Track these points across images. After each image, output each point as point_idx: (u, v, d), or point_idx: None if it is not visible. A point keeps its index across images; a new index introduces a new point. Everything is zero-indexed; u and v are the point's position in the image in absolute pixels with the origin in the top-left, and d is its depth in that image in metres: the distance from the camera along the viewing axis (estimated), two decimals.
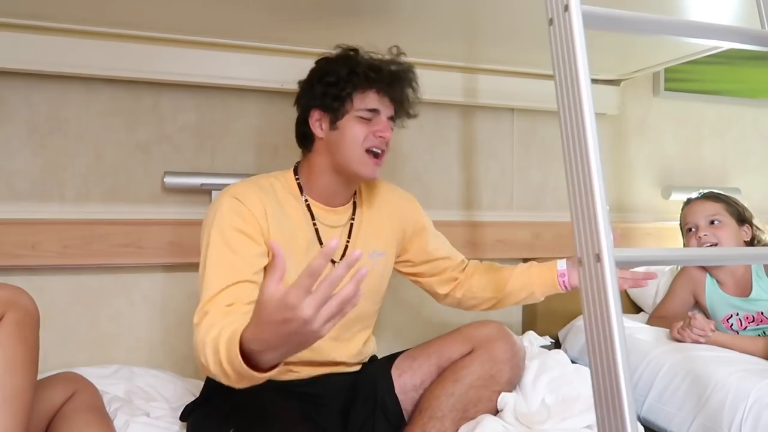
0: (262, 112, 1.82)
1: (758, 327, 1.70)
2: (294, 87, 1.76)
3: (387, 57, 1.32)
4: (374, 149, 1.27)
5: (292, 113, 1.83)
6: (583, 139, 0.72)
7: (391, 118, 1.31)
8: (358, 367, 1.40)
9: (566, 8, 0.75)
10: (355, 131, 1.25)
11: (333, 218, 1.33)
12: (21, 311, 1.00)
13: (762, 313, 1.70)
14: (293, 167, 1.37)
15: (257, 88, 1.78)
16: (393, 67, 1.30)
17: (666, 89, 2.31)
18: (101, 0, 1.39)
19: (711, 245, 1.75)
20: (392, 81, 1.29)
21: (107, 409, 1.28)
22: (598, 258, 0.69)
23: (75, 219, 1.61)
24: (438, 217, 1.97)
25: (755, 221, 1.83)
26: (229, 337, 0.95)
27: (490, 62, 1.95)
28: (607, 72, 2.11)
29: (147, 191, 1.70)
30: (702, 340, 1.60)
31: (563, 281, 1.39)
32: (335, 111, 1.26)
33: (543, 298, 1.47)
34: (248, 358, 0.92)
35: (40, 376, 1.22)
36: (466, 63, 1.94)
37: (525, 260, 2.08)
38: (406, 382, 1.34)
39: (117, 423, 1.26)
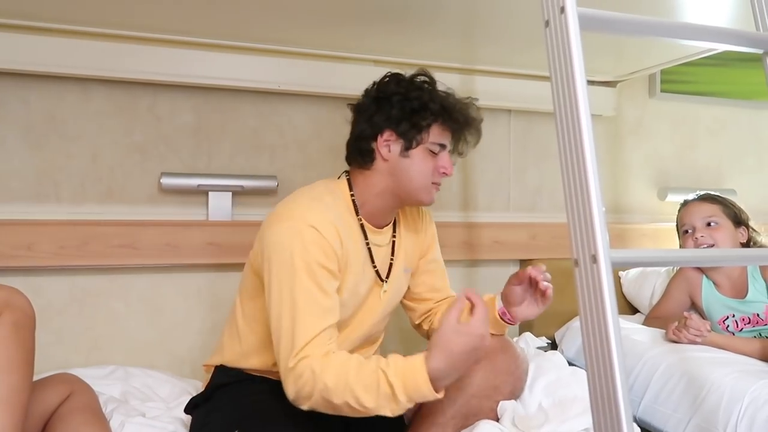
0: (259, 113, 1.82)
1: (754, 329, 1.71)
2: (291, 88, 1.78)
3: (463, 100, 1.31)
4: (438, 181, 1.29)
5: (290, 114, 1.85)
6: (579, 140, 0.72)
7: (455, 150, 1.32)
8: None
9: (562, 10, 0.75)
10: (425, 164, 1.25)
11: (379, 238, 1.33)
12: (17, 312, 1.00)
13: (758, 315, 1.70)
14: (346, 179, 1.32)
15: (254, 89, 1.78)
16: (472, 113, 1.30)
17: (662, 91, 2.32)
18: (98, 1, 1.39)
19: (707, 246, 1.75)
20: (470, 125, 1.29)
21: (103, 410, 1.27)
22: (594, 259, 0.69)
23: (71, 220, 1.61)
24: (435, 218, 1.97)
25: (751, 223, 1.83)
26: (399, 371, 1.05)
27: (487, 63, 1.96)
28: (604, 74, 2.12)
29: (143, 192, 1.70)
30: (698, 340, 1.60)
31: (507, 319, 1.36)
32: (411, 138, 1.23)
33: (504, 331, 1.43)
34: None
35: (35, 378, 1.22)
36: (463, 64, 1.94)
37: (522, 261, 2.11)
38: None
39: (113, 424, 1.25)
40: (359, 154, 1.28)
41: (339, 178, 1.34)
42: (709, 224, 1.79)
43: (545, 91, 2.04)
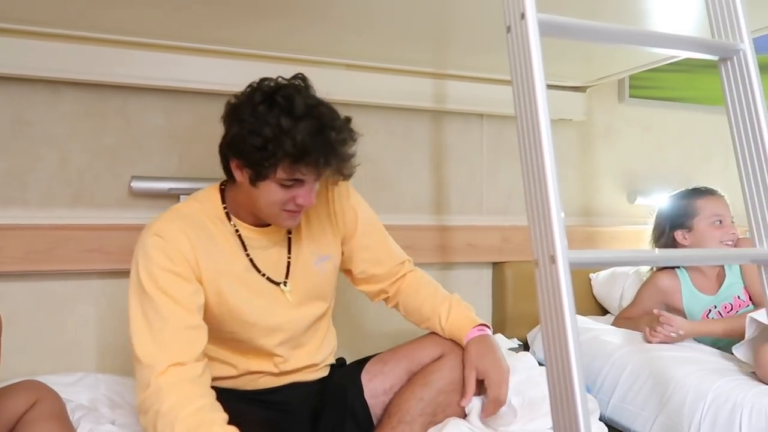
0: None
1: (738, 313, 1.72)
2: None
3: (327, 117, 1.16)
4: (293, 210, 1.20)
5: None
6: (538, 144, 0.74)
7: (317, 179, 1.20)
8: (325, 370, 1.40)
9: (522, 16, 0.77)
10: (274, 197, 1.17)
11: (265, 238, 1.28)
12: None
13: (738, 297, 1.73)
14: (221, 187, 1.29)
15: (227, 93, 1.74)
16: (332, 135, 1.14)
17: (630, 96, 2.37)
18: (65, 2, 1.38)
19: (732, 244, 1.76)
20: (327, 155, 1.14)
21: (71, 417, 1.26)
22: (552, 259, 0.71)
23: (39, 224, 1.58)
24: (408, 221, 2.00)
25: None
26: None
27: (460, 69, 1.98)
28: (573, 79, 2.16)
29: (114, 196, 1.68)
30: (673, 334, 1.63)
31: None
32: (257, 172, 1.15)
33: None
34: None
35: (1, 385, 1.20)
36: (436, 69, 1.96)
37: (494, 264, 2.13)
38: (376, 386, 1.33)
39: (81, 431, 1.24)
40: (223, 167, 1.24)
41: (215, 187, 1.30)
42: (733, 222, 1.80)
43: None
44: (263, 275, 1.27)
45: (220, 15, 1.47)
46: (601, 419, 1.50)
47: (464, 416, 1.32)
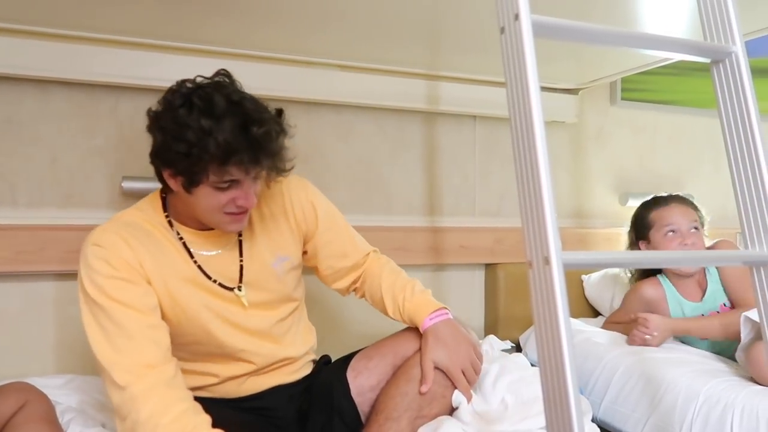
0: None
1: None
2: (254, 92, 1.75)
3: (250, 109, 1.10)
4: (235, 213, 1.16)
5: None
6: (532, 145, 0.74)
7: (256, 177, 1.15)
8: (306, 368, 1.39)
9: (516, 17, 0.77)
10: (211, 201, 1.13)
11: (212, 242, 1.24)
12: None
13: (724, 305, 1.73)
14: (161, 195, 1.25)
15: None
16: (256, 131, 1.07)
17: (622, 98, 2.38)
18: (55, 1, 1.37)
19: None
20: (254, 151, 1.08)
21: (60, 420, 1.24)
22: (546, 261, 0.70)
23: (28, 224, 1.57)
24: (400, 222, 2.00)
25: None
26: None
27: (453, 70, 1.98)
28: (566, 81, 2.17)
29: (104, 196, 1.67)
30: (648, 337, 1.64)
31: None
32: (189, 179, 1.10)
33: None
34: None
35: None
36: (429, 70, 1.96)
37: (487, 266, 2.13)
38: (362, 383, 1.31)
39: None
40: (157, 177, 1.18)
41: (155, 195, 1.26)
42: (695, 228, 1.76)
43: None
44: (214, 281, 1.23)
45: (212, 15, 1.46)
46: (593, 421, 1.51)
47: (451, 410, 1.30)
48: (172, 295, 1.18)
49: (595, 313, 2.19)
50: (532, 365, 1.58)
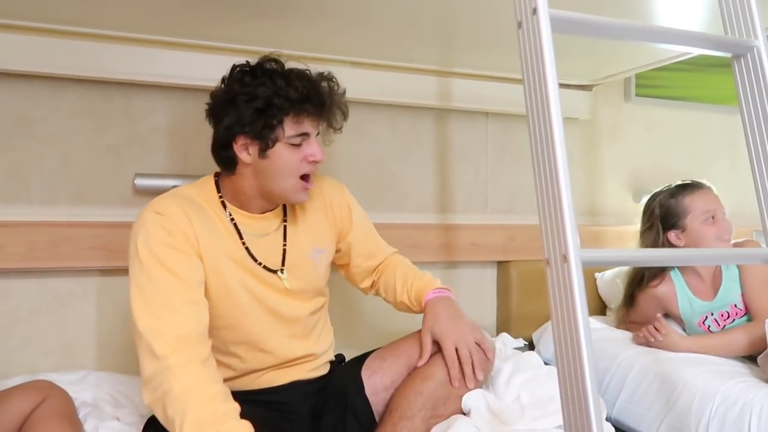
0: None
1: (734, 322, 1.68)
2: None
3: (314, 75, 1.23)
4: (307, 174, 1.23)
5: None
6: (550, 141, 0.72)
7: (318, 134, 1.26)
8: (324, 368, 1.39)
9: (534, 11, 0.76)
10: (287, 160, 1.20)
11: (262, 225, 1.29)
12: None
13: (735, 305, 1.67)
14: (215, 178, 1.30)
15: None
16: (325, 86, 1.22)
17: (637, 95, 2.36)
18: None
19: (728, 238, 1.70)
20: (327, 102, 1.21)
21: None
22: (565, 258, 0.69)
23: (42, 221, 1.57)
24: (412, 220, 1.99)
25: None
26: None
27: (465, 66, 1.97)
28: (580, 77, 2.14)
29: (117, 193, 1.67)
30: (651, 339, 1.63)
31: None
32: (265, 139, 1.17)
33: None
34: None
35: (4, 383, 1.19)
36: (441, 67, 1.95)
37: (499, 263, 2.12)
38: (376, 382, 1.32)
39: (86, 428, 1.23)
40: (221, 162, 1.25)
41: (208, 177, 1.31)
42: (725, 215, 1.73)
43: (522, 93, 2.06)
44: (259, 263, 1.27)
45: (225, 12, 1.46)
46: (607, 420, 1.50)
47: (462, 411, 1.30)
48: (219, 271, 1.21)
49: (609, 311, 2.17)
50: (546, 363, 1.57)
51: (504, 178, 2.15)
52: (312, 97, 1.18)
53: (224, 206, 1.26)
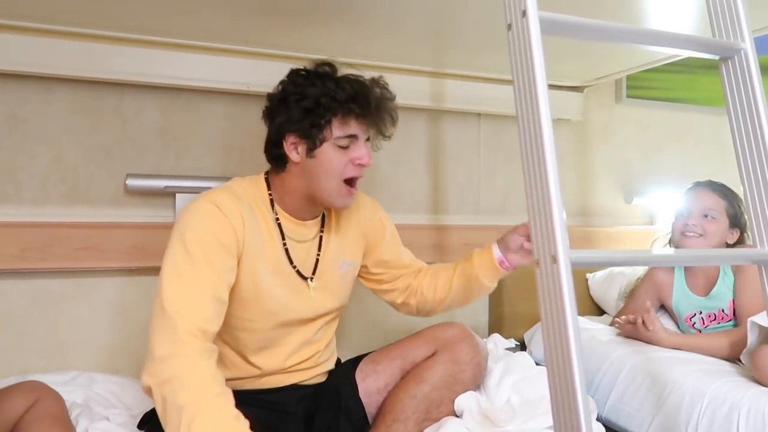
0: (228, 114, 1.80)
1: (719, 325, 1.71)
2: (260, 89, 1.76)
3: (367, 80, 1.25)
4: (352, 178, 1.24)
5: (259, 116, 1.83)
6: (540, 143, 0.73)
7: (367, 139, 1.27)
8: (324, 376, 1.40)
9: (524, 14, 0.76)
10: (334, 161, 1.21)
11: (302, 232, 1.31)
12: None
13: (723, 310, 1.71)
14: (265, 176, 1.32)
15: (223, 90, 1.77)
16: (376, 91, 1.24)
17: (628, 96, 2.37)
18: None
19: (695, 236, 1.73)
20: (374, 107, 1.23)
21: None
22: (554, 259, 0.70)
23: (33, 222, 1.57)
24: (405, 220, 1.99)
25: (747, 231, 1.77)
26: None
27: (458, 67, 1.97)
28: (571, 78, 2.16)
29: (109, 193, 1.67)
30: (638, 330, 1.66)
31: (505, 266, 1.37)
32: (313, 138, 1.20)
33: (494, 285, 1.41)
34: None
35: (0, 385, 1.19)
36: (434, 68, 1.95)
37: None
38: (370, 385, 1.34)
39: (77, 429, 1.23)
40: (272, 159, 1.28)
41: (259, 175, 1.33)
42: (706, 215, 1.74)
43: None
44: (294, 267, 1.28)
45: (217, 12, 1.46)
46: (598, 419, 1.50)
47: (455, 414, 1.31)
48: (255, 273, 1.22)
49: (600, 312, 2.18)
50: (537, 364, 1.58)
51: (496, 178, 2.16)
52: (359, 99, 1.20)
53: (272, 206, 1.28)
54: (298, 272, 1.29)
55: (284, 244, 1.27)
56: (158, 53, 1.65)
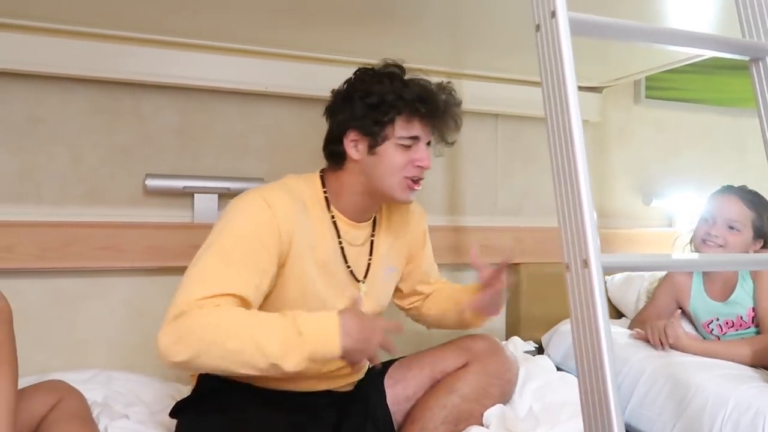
0: (245, 114, 1.80)
1: (737, 332, 1.71)
2: (278, 90, 1.77)
3: (434, 85, 1.25)
4: (413, 177, 1.23)
5: (276, 117, 1.84)
6: (570, 145, 0.72)
7: (428, 143, 1.26)
8: (355, 379, 1.38)
9: (553, 14, 0.75)
10: (394, 160, 1.20)
11: (356, 234, 1.29)
12: None
13: (741, 317, 1.70)
14: (320, 175, 1.31)
15: (240, 91, 1.77)
16: (442, 96, 1.24)
17: (646, 97, 2.35)
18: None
19: (716, 246, 1.70)
20: (439, 111, 1.22)
21: None
22: (585, 264, 0.69)
23: (53, 221, 1.58)
24: None
25: None
26: (312, 321, 1.02)
27: (475, 68, 1.96)
28: (590, 79, 2.14)
29: (127, 193, 1.67)
30: (660, 341, 1.63)
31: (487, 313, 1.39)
32: (375, 135, 1.19)
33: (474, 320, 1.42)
34: None
35: (23, 384, 1.19)
36: (451, 68, 1.94)
37: (508, 266, 2.10)
38: (399, 392, 1.32)
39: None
40: (331, 156, 1.27)
41: (314, 174, 1.32)
42: (731, 227, 1.70)
43: (532, 95, 2.04)
44: (348, 267, 1.27)
45: (233, 13, 1.46)
46: None
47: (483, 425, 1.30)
48: (304, 272, 1.19)
49: (619, 314, 2.16)
50: (557, 367, 1.57)
51: (513, 179, 2.15)
52: (426, 101, 1.19)
53: (328, 206, 1.27)
54: (351, 273, 1.27)
55: (340, 243, 1.25)
56: (175, 54, 1.65)
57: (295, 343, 0.99)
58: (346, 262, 1.26)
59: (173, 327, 1.00)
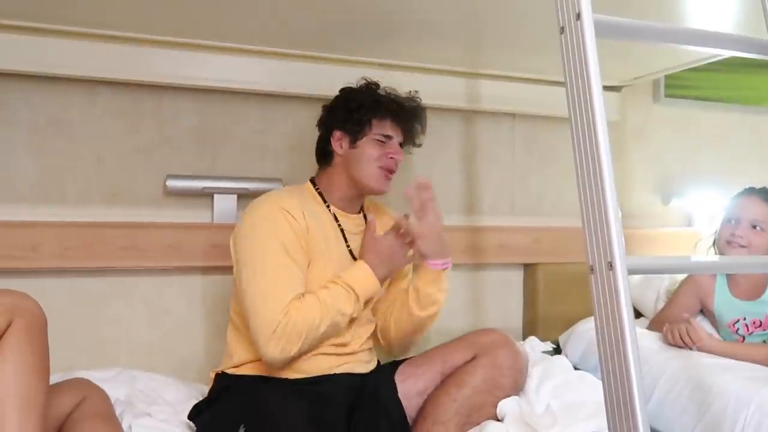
0: (265, 116, 1.81)
1: (765, 332, 1.68)
2: (296, 91, 1.78)
3: (403, 95, 1.51)
4: (386, 168, 1.44)
5: (295, 118, 1.85)
6: (595, 147, 0.72)
7: (401, 144, 1.49)
8: (374, 363, 1.45)
9: (578, 17, 0.75)
10: (371, 151, 1.43)
11: (351, 224, 1.48)
12: (28, 316, 0.99)
13: None
14: (310, 180, 1.52)
15: (259, 92, 1.78)
16: (408, 104, 1.50)
17: (666, 96, 2.33)
18: (102, 2, 1.39)
19: (740, 247, 1.69)
20: (406, 114, 1.48)
21: None
22: (610, 266, 0.69)
23: (76, 221, 1.60)
24: None
25: None
26: (351, 277, 1.36)
27: (492, 68, 1.96)
28: (608, 78, 2.12)
29: (148, 194, 1.69)
30: (687, 341, 1.61)
31: (433, 265, 1.46)
32: (355, 133, 1.44)
33: (435, 291, 1.47)
34: None
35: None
36: (468, 68, 1.94)
37: (525, 266, 2.11)
38: (409, 388, 1.35)
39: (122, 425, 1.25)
40: (321, 154, 1.50)
41: (302, 183, 1.53)
42: (755, 226, 1.70)
43: (549, 95, 2.04)
44: (348, 247, 1.45)
45: (254, 14, 1.47)
46: None
47: (497, 419, 1.31)
48: (321, 251, 1.38)
49: (637, 314, 2.14)
50: (574, 367, 1.56)
51: (531, 179, 2.14)
52: (396, 111, 1.47)
53: (323, 200, 1.47)
54: (351, 252, 1.46)
55: (339, 225, 1.45)
56: (195, 55, 1.67)
57: (353, 298, 1.33)
58: (346, 242, 1.45)
59: (275, 337, 1.24)
